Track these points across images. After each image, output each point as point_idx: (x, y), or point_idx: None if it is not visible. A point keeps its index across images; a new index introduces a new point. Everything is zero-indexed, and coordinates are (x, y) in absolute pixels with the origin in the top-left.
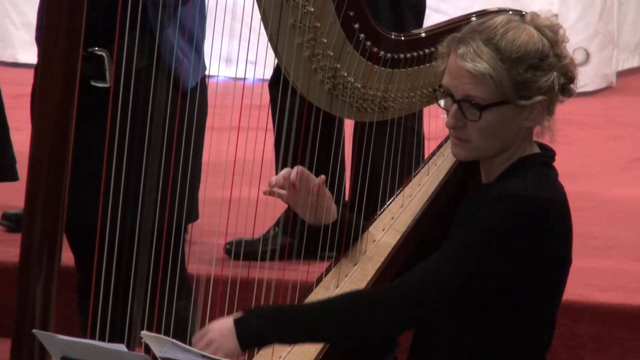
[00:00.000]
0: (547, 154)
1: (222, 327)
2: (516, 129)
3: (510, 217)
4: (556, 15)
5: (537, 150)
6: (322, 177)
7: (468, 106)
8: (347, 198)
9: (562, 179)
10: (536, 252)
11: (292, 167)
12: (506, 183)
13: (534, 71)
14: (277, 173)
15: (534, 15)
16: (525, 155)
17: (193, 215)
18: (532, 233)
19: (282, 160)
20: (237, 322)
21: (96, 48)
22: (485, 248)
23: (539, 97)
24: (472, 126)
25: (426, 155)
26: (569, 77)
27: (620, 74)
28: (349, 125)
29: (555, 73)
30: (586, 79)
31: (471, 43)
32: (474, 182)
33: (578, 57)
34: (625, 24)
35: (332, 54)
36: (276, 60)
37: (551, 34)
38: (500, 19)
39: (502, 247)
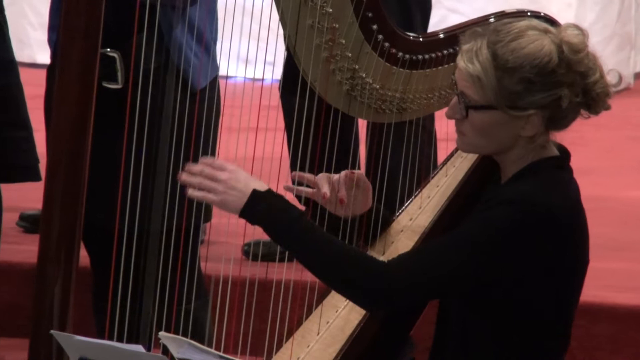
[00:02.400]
0: (562, 156)
1: (238, 182)
2: (512, 135)
3: (516, 220)
4: (586, 35)
5: (553, 153)
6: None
7: (461, 102)
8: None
9: (578, 179)
10: (542, 257)
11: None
12: (517, 186)
13: (528, 85)
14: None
15: (568, 28)
16: (539, 159)
17: (207, 216)
18: (536, 237)
19: (300, 162)
20: (252, 196)
21: (108, 49)
22: (486, 244)
23: (532, 111)
24: (467, 121)
25: (439, 156)
26: (591, 96)
27: (638, 76)
28: (362, 126)
29: (565, 90)
30: None
31: (477, 42)
32: (492, 183)
33: (610, 78)
34: None
35: (350, 55)
36: (285, 62)
37: (569, 52)
38: (521, 24)
39: (503, 247)
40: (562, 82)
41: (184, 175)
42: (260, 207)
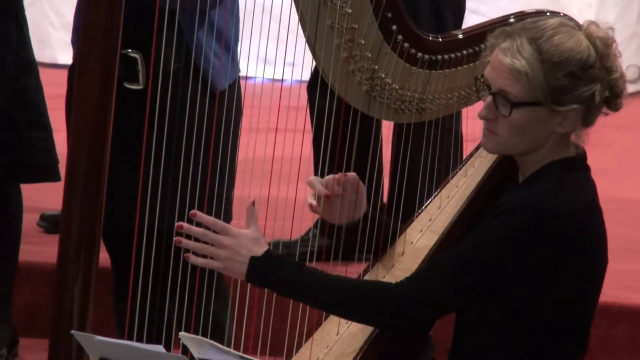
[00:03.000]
0: (578, 157)
1: (242, 249)
2: (547, 133)
3: (522, 227)
4: (612, 29)
5: (571, 153)
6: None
7: (501, 100)
8: (384, 200)
9: (598, 180)
10: (553, 260)
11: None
12: (527, 191)
13: (573, 79)
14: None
15: (591, 24)
16: (557, 159)
17: (227, 217)
18: (545, 242)
19: (322, 162)
20: (252, 261)
21: (129, 50)
22: (495, 255)
23: (575, 106)
24: (502, 120)
25: (464, 157)
26: (615, 92)
27: None
28: (387, 127)
29: (598, 85)
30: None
31: (516, 39)
32: (511, 183)
33: (629, 74)
34: None
35: (369, 55)
36: (314, 63)
37: (602, 46)
38: (553, 21)
39: (511, 256)
40: (597, 77)
41: (184, 240)
42: (261, 271)
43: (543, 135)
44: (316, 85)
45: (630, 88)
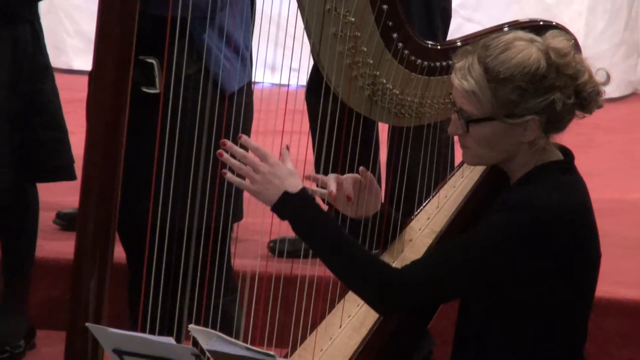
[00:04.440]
0: (565, 159)
1: (275, 178)
2: (514, 142)
3: (520, 224)
4: (573, 39)
5: (557, 156)
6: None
7: (461, 118)
8: (383, 200)
9: (588, 181)
10: (549, 257)
11: (332, 172)
12: (522, 191)
13: (522, 92)
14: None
15: (551, 35)
16: (543, 163)
17: (238, 215)
18: (541, 239)
19: (323, 164)
20: (282, 196)
21: (146, 56)
22: (492, 249)
23: (530, 116)
24: (469, 135)
25: (456, 157)
26: (583, 96)
27: None
28: (383, 130)
29: (557, 94)
30: (612, 86)
31: (469, 59)
32: (506, 183)
33: (599, 78)
34: None
35: (371, 61)
36: (311, 69)
37: (556, 57)
38: (508, 37)
39: (509, 251)
40: (554, 86)
41: (225, 154)
42: (288, 207)
43: (511, 144)
44: (314, 90)
45: (617, 93)
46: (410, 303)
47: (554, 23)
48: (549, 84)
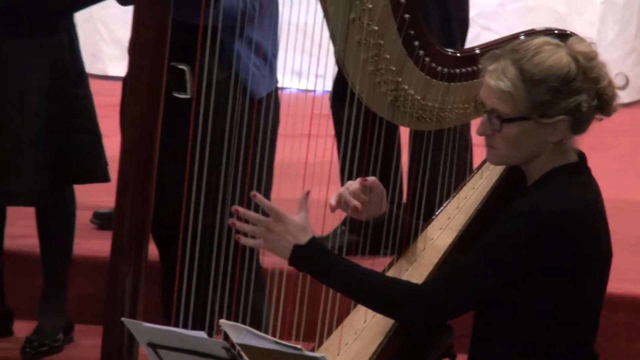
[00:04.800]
0: (579, 162)
1: (287, 235)
2: (541, 142)
3: (527, 231)
4: (594, 43)
5: (573, 159)
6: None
7: (493, 118)
8: (404, 199)
9: (598, 182)
10: (559, 258)
11: (356, 174)
12: (532, 197)
13: (555, 93)
14: (341, 179)
15: (575, 40)
16: (558, 165)
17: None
18: (549, 242)
19: (348, 167)
20: (294, 250)
21: (178, 63)
22: (503, 258)
23: (561, 116)
24: (498, 135)
25: (476, 160)
26: (604, 99)
27: None
28: (405, 134)
29: (584, 96)
30: (623, 91)
31: (501, 62)
32: (522, 186)
33: (618, 81)
34: None
35: (394, 68)
36: (335, 75)
37: (584, 60)
38: (537, 41)
39: (519, 257)
40: (581, 89)
41: (237, 222)
42: (302, 259)
43: (537, 145)
44: (339, 96)
45: (627, 98)
46: (434, 317)
47: (568, 32)
48: (577, 86)
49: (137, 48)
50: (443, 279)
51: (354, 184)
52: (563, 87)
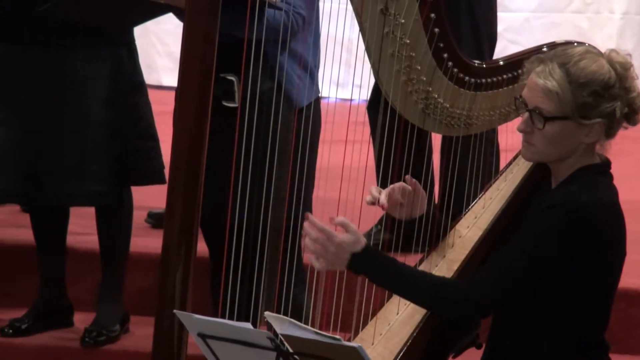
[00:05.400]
0: (603, 164)
1: (345, 254)
2: (576, 142)
3: (561, 223)
4: (630, 55)
5: (597, 160)
6: (410, 178)
7: (537, 115)
8: (436, 200)
9: (618, 185)
10: (585, 250)
11: (390, 177)
12: (563, 191)
13: (596, 97)
14: (378, 181)
15: (612, 51)
16: (586, 165)
17: None
18: (581, 235)
19: (383, 170)
20: (351, 259)
21: (227, 74)
22: (539, 249)
23: (598, 119)
24: (538, 133)
25: (501, 164)
26: (633, 109)
27: None
28: (436, 139)
29: (618, 102)
30: None
31: (548, 64)
32: (544, 187)
33: None
34: None
35: (424, 78)
36: (372, 86)
37: (621, 69)
38: (580, 49)
39: (554, 247)
40: (618, 95)
41: (306, 240)
42: (359, 265)
43: (572, 145)
44: (375, 105)
45: None
46: (481, 314)
47: (586, 44)
48: (615, 93)
49: (187, 60)
50: (487, 279)
51: (398, 184)
52: (604, 91)
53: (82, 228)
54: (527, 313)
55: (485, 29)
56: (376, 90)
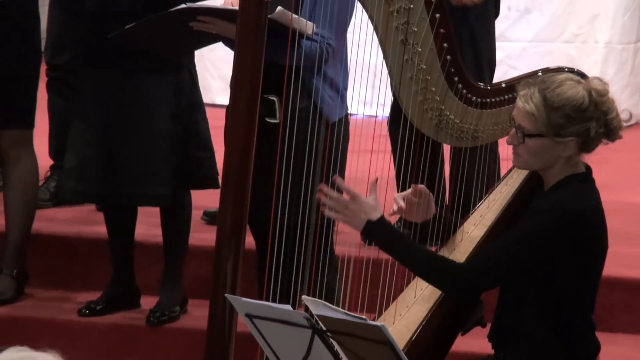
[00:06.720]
0: (587, 172)
1: (361, 212)
2: (555, 155)
3: (552, 224)
4: (608, 84)
5: (581, 169)
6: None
7: (519, 132)
8: (447, 202)
9: (600, 189)
10: (574, 247)
11: (408, 182)
12: (551, 197)
13: (568, 119)
14: (397, 185)
15: (595, 79)
16: (571, 173)
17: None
18: (568, 234)
19: (402, 176)
20: (368, 223)
21: (269, 95)
22: (531, 244)
23: (571, 138)
24: (522, 146)
25: (502, 171)
26: (610, 128)
27: None
28: (446, 149)
29: (593, 123)
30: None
31: (531, 88)
32: (539, 191)
33: (623, 116)
34: None
35: (438, 98)
36: (392, 103)
37: (596, 95)
38: (562, 76)
39: (544, 244)
40: (591, 118)
41: (323, 197)
42: (373, 232)
43: (552, 157)
44: (394, 120)
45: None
46: (477, 290)
47: (575, 70)
48: (588, 115)
49: (237, 82)
50: (483, 262)
51: (407, 191)
52: (576, 114)
53: (148, 225)
54: (525, 299)
55: (485, 56)
56: (396, 108)
